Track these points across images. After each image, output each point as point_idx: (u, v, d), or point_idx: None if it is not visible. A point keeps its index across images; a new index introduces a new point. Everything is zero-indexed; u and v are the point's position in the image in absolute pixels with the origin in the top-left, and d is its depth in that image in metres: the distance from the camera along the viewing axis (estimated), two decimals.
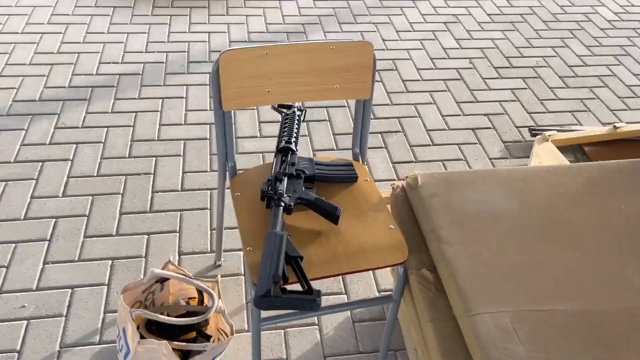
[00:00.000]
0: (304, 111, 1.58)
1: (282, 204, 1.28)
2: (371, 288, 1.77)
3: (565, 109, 2.67)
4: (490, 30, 3.25)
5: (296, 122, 1.51)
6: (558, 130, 2.39)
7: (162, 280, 1.42)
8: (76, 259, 1.78)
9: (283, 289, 1.11)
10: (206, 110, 2.45)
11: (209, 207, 2.00)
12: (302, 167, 1.40)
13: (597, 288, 1.19)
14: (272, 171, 1.37)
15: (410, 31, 3.17)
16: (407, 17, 3.31)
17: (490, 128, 2.51)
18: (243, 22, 3.11)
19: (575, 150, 2.39)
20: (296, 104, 1.56)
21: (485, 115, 2.58)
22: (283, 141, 1.44)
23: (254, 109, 2.48)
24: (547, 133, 2.32)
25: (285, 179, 1.34)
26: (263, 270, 1.13)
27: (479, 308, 1.13)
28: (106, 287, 1.71)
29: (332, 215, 1.30)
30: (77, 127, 2.29)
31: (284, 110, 1.56)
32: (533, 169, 1.50)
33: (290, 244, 1.19)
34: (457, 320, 1.18)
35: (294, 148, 1.43)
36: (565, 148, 2.36)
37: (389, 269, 1.79)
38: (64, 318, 1.61)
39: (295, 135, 1.47)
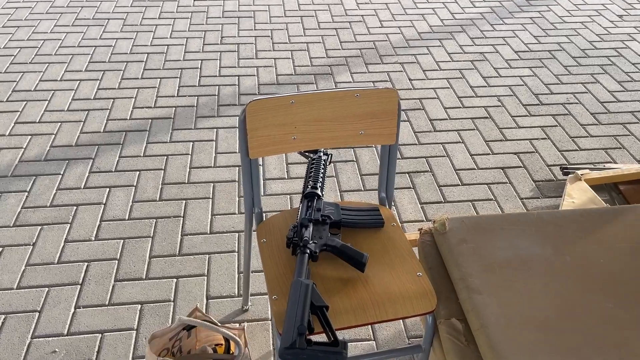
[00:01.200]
0: (329, 156, 1.59)
1: (308, 251, 1.28)
2: (400, 334, 1.74)
3: (598, 146, 2.62)
4: (518, 67, 3.24)
5: (322, 166, 1.52)
6: (591, 169, 2.34)
7: (189, 327, 1.42)
8: (106, 303, 1.80)
9: (309, 340, 1.10)
10: (235, 152, 2.49)
11: (236, 249, 2.01)
12: (328, 212, 1.40)
13: (635, 339, 1.14)
14: (298, 217, 1.37)
15: (436, 70, 3.19)
16: (434, 56, 3.33)
17: (520, 167, 2.47)
18: (271, 65, 3.18)
19: (610, 188, 2.33)
20: (322, 149, 1.58)
21: (515, 153, 2.55)
22: (309, 186, 1.45)
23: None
24: (579, 172, 2.27)
25: (311, 225, 1.34)
26: (288, 321, 1.12)
27: None
28: (135, 331, 1.72)
29: (358, 262, 1.28)
30: (111, 171, 2.36)
31: (310, 154, 1.57)
32: (565, 213, 1.46)
33: (315, 292, 1.18)
34: None
35: (319, 193, 1.43)
36: (599, 187, 2.30)
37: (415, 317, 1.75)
38: None
39: (321, 180, 1.48)
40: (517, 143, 2.62)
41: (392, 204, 1.57)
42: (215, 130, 2.63)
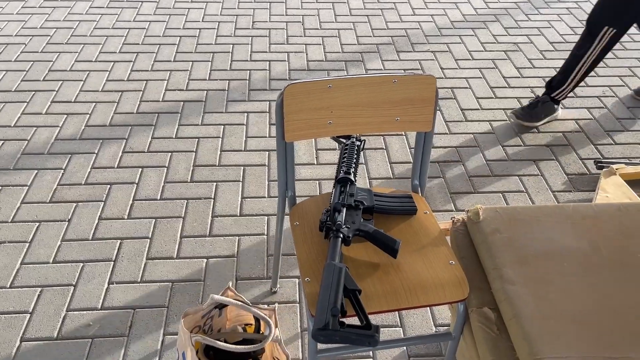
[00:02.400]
0: (363, 141, 1.59)
1: (341, 235, 1.28)
2: (427, 322, 1.74)
3: (633, 141, 2.56)
4: (552, 58, 3.18)
5: (355, 152, 1.52)
6: (626, 164, 2.29)
7: (221, 306, 1.44)
8: (139, 280, 1.84)
9: (341, 322, 1.11)
10: (265, 137, 2.51)
11: (266, 233, 2.03)
12: (361, 198, 1.40)
13: None
14: (331, 202, 1.38)
15: (469, 59, 3.14)
16: (467, 45, 3.28)
17: (552, 159, 2.43)
18: (302, 50, 3.18)
19: None
20: (355, 134, 1.58)
21: (547, 146, 2.51)
22: (342, 172, 1.45)
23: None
24: (614, 166, 2.23)
25: (344, 210, 1.35)
26: (322, 303, 1.13)
27: (546, 352, 1.08)
28: (166, 309, 1.75)
29: (390, 248, 1.29)
30: (143, 152, 2.39)
31: (343, 140, 1.57)
32: (602, 207, 1.44)
33: (348, 276, 1.19)
34: None
35: (352, 179, 1.43)
36: (634, 182, 2.25)
37: (446, 304, 1.75)
38: (126, 338, 1.66)
39: (354, 165, 1.48)
40: (550, 135, 2.58)
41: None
42: (246, 114, 2.65)
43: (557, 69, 2.98)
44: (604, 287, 1.22)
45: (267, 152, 2.42)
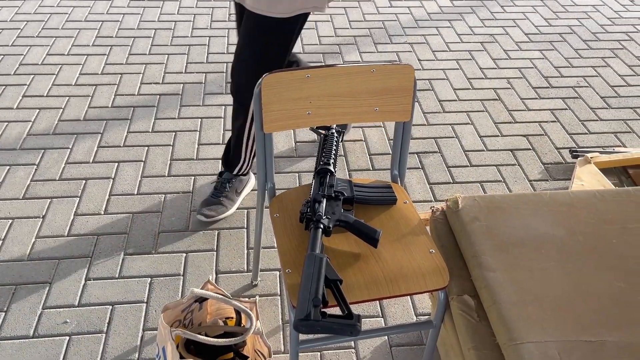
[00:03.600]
0: (341, 133, 1.58)
1: (321, 226, 1.28)
2: (408, 312, 1.75)
3: (607, 130, 2.61)
4: (528, 50, 3.21)
5: (334, 143, 1.51)
6: (601, 152, 2.33)
7: (201, 299, 1.43)
8: (116, 275, 1.81)
9: (323, 312, 1.11)
10: None
11: (245, 226, 2.02)
12: (341, 188, 1.40)
13: None
14: (311, 193, 1.37)
15: (446, 51, 3.16)
16: (443, 37, 3.30)
17: (529, 149, 2.46)
18: None
19: (619, 172, 2.32)
20: (334, 126, 1.57)
21: (524, 136, 2.54)
22: (321, 163, 1.45)
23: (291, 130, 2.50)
24: (589, 155, 2.27)
25: (324, 201, 1.34)
26: (303, 294, 1.12)
27: (524, 337, 1.10)
28: (145, 304, 1.73)
29: (371, 238, 1.29)
30: (119, 146, 2.35)
31: (322, 131, 1.57)
32: (578, 194, 1.46)
33: (329, 266, 1.19)
34: (500, 349, 1.15)
35: (332, 170, 1.43)
36: (608, 170, 2.29)
37: (427, 292, 1.76)
38: (104, 335, 1.63)
39: (333, 156, 1.47)
40: (527, 125, 2.61)
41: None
42: (224, 107, 2.62)
43: (532, 60, 3.02)
44: (581, 273, 1.24)
45: None
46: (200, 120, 2.54)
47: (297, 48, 3.11)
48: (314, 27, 3.33)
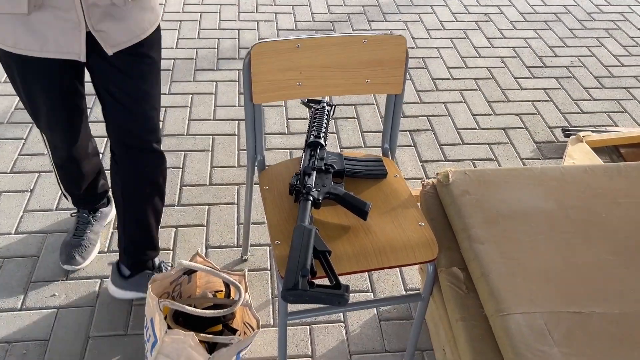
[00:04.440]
0: (333, 107, 1.57)
1: (311, 198, 1.27)
2: (398, 287, 1.75)
3: (600, 109, 2.60)
4: (522, 29, 3.19)
5: (325, 117, 1.50)
6: (593, 131, 2.33)
7: (190, 272, 1.42)
8: (105, 250, 1.80)
9: (311, 282, 1.10)
10: (234, 106, 2.46)
11: (236, 202, 2.00)
12: (331, 161, 1.39)
13: (636, 291, 1.15)
14: (301, 165, 1.36)
15: (440, 29, 3.13)
16: (438, 15, 3.27)
17: (522, 128, 2.45)
18: (272, 19, 3.12)
19: (610, 151, 2.32)
20: (325, 99, 1.56)
21: (517, 115, 2.53)
22: (312, 136, 1.43)
23: (282, 106, 2.48)
24: (581, 134, 2.27)
25: (314, 174, 1.33)
26: (291, 264, 1.12)
27: (512, 308, 1.10)
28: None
29: (361, 210, 1.28)
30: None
31: (313, 105, 1.55)
32: (569, 169, 1.46)
33: (318, 238, 1.18)
34: (488, 320, 1.15)
35: (323, 143, 1.41)
36: (600, 149, 2.29)
37: (416, 267, 1.76)
38: (93, 307, 1.63)
39: (324, 130, 1.46)
40: (520, 104, 2.60)
41: (395, 159, 1.55)
42: (215, 83, 2.59)
43: (527, 40, 3.00)
44: (569, 246, 1.24)
45: (237, 122, 2.37)
46: (190, 96, 2.51)
47: (289, 25, 3.07)
48: (307, 3, 3.28)
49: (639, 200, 1.36)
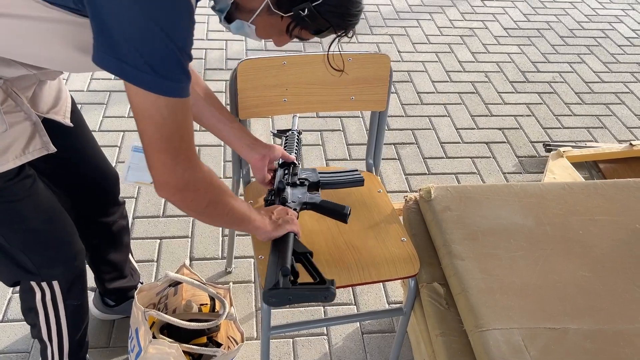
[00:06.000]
0: (300, 133, 1.49)
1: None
2: (381, 300, 1.77)
3: (580, 125, 2.66)
4: (506, 44, 3.25)
5: (296, 140, 1.44)
6: (573, 147, 2.38)
7: (176, 284, 1.43)
8: None
9: (293, 281, 1.06)
10: None
11: None
12: (305, 175, 1.34)
13: (611, 307, 1.18)
14: (275, 182, 1.31)
15: (426, 43, 3.18)
16: (424, 29, 3.32)
17: (504, 142, 2.50)
18: None
19: (590, 166, 2.37)
20: (295, 127, 1.48)
21: (499, 129, 2.58)
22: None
23: (268, 118, 2.50)
24: (562, 149, 2.31)
25: (289, 188, 1.29)
26: (271, 267, 1.08)
27: (490, 324, 1.12)
28: None
29: (340, 214, 1.24)
30: (94, 131, 2.32)
31: (283, 134, 1.48)
32: (548, 186, 1.49)
33: (297, 241, 1.16)
34: (467, 336, 1.17)
35: (295, 161, 1.36)
36: (580, 164, 2.34)
37: (399, 281, 1.78)
38: None
39: (296, 149, 1.41)
40: (502, 119, 2.65)
41: (379, 173, 1.58)
42: (224, 82, 2.61)
43: (510, 55, 3.06)
44: (547, 262, 1.27)
45: None
46: None
47: None
48: None
49: (615, 217, 1.40)
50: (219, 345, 1.43)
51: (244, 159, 1.31)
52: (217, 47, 2.95)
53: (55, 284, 1.21)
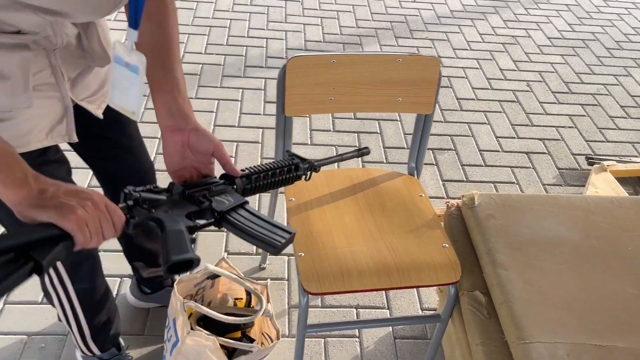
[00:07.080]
0: (310, 172, 1.11)
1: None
2: (414, 305, 1.75)
3: (625, 139, 2.59)
4: (550, 54, 3.18)
5: (285, 171, 1.06)
6: (617, 161, 2.32)
7: (214, 277, 1.44)
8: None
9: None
10: (260, 114, 2.48)
11: (257, 209, 2.02)
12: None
13: None
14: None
15: (467, 49, 3.14)
16: (465, 35, 3.28)
17: (545, 153, 2.45)
18: (300, 30, 3.15)
19: (635, 182, 2.31)
20: (310, 161, 1.10)
21: (540, 139, 2.53)
22: (246, 169, 1.00)
23: (306, 117, 2.50)
24: (605, 163, 2.25)
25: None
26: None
27: (534, 337, 1.10)
28: None
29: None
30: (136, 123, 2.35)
31: (298, 160, 1.09)
32: (596, 199, 1.45)
33: (66, 252, 0.73)
34: (508, 347, 1.15)
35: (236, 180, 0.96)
36: (623, 179, 2.28)
37: (434, 287, 1.76)
38: None
39: (262, 175, 1.01)
40: (544, 129, 2.59)
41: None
42: (241, 90, 2.62)
43: (553, 65, 2.99)
44: (593, 277, 1.24)
45: (261, 130, 2.40)
46: (217, 101, 2.54)
47: (317, 36, 3.10)
48: (336, 16, 3.31)
49: None
50: (252, 340, 1.43)
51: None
52: (258, 45, 2.97)
53: (60, 266, 1.17)
